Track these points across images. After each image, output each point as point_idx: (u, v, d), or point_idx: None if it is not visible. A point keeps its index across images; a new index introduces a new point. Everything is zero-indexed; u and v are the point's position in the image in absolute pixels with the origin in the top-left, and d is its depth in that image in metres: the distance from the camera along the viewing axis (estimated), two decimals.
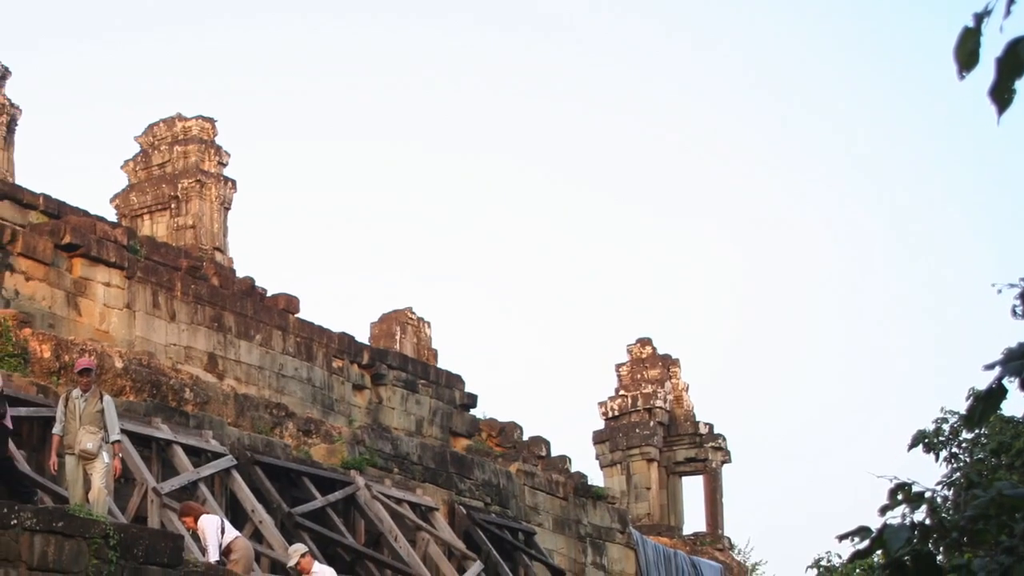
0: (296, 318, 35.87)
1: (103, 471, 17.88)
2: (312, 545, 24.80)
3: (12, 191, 31.53)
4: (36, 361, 25.03)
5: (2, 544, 14.03)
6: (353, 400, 36.65)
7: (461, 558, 30.64)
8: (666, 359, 54.61)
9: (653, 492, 51.76)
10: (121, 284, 30.54)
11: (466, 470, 34.56)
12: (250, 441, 27.60)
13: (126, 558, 15.37)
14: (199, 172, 42.00)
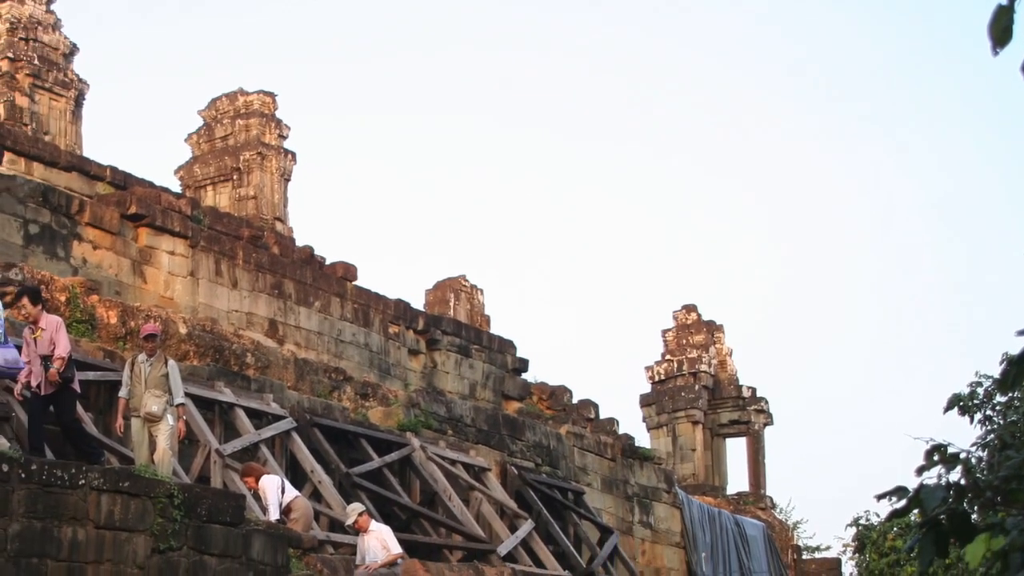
0: (354, 285, 35.79)
1: (168, 433, 17.85)
2: (369, 504, 24.73)
3: (80, 163, 31.53)
4: (103, 327, 25.03)
5: (70, 503, 13.99)
6: (409, 365, 36.59)
7: (513, 517, 30.60)
8: (711, 325, 54.53)
9: (698, 453, 51.70)
10: (185, 253, 30.52)
11: (518, 432, 34.50)
12: (309, 404, 27.58)
13: (190, 517, 15.32)
14: (260, 145, 42.02)
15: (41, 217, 27.26)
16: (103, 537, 14.31)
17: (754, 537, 45.23)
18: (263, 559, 16.26)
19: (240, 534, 16.06)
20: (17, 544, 13.39)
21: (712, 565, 42.23)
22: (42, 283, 23.79)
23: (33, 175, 29.65)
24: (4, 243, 26.17)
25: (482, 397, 37.85)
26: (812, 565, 50.27)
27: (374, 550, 20.70)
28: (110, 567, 14.32)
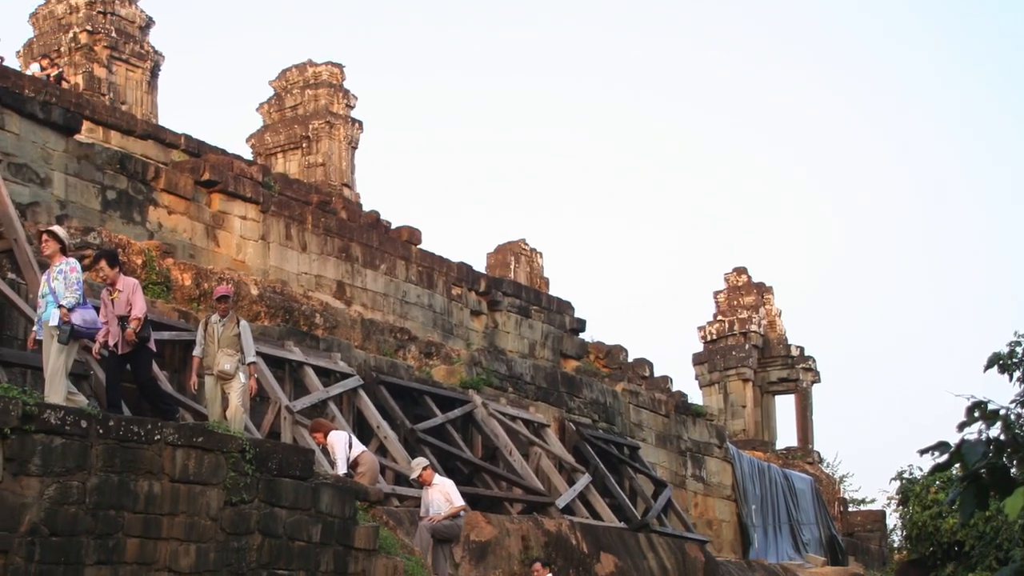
0: (418, 249, 35.71)
1: (240, 390, 17.77)
2: (433, 459, 24.69)
3: (156, 132, 31.53)
4: (178, 289, 25.04)
5: (146, 458, 13.94)
6: (471, 325, 36.51)
7: (571, 470, 30.52)
8: (760, 287, 54.48)
9: (748, 410, 51.70)
10: (256, 217, 30.49)
11: (575, 389, 34.41)
12: (376, 363, 27.55)
13: (261, 471, 15.26)
14: (328, 114, 42.00)
15: (118, 183, 27.25)
16: (178, 490, 14.26)
17: (802, 490, 45.14)
18: (331, 511, 16.17)
19: (309, 487, 15.97)
20: (95, 497, 13.34)
21: (762, 517, 42.16)
22: (119, 247, 23.80)
23: (111, 143, 29.65)
24: (83, 208, 26.18)
25: (541, 356, 37.74)
26: (858, 517, 50.23)
27: (437, 503, 20.60)
28: (184, 519, 14.27)
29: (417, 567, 17.90)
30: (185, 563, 14.20)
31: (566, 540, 26.25)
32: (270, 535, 15.24)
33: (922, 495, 33.61)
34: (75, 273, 15.68)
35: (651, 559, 28.80)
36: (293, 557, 15.50)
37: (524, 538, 24.90)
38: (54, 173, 25.79)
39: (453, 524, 20.63)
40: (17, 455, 12.73)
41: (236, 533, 14.84)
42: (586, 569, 26.34)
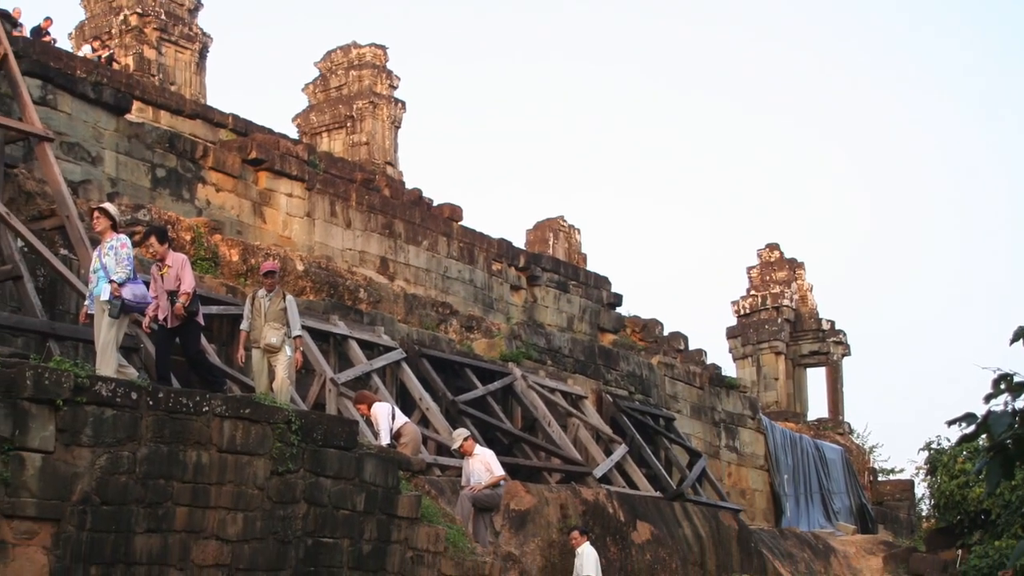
0: (459, 225, 35.63)
1: (286, 363, 17.73)
2: (474, 429, 24.65)
3: (204, 111, 31.51)
4: (225, 264, 25.03)
5: (195, 429, 13.92)
6: (511, 299, 36.43)
7: (608, 441, 30.48)
8: (792, 262, 54.37)
9: (780, 382, 51.61)
10: (302, 195, 30.45)
11: (612, 362, 34.35)
12: (418, 336, 27.53)
13: (306, 441, 15.23)
14: (372, 94, 41.95)
15: (168, 162, 27.25)
16: (225, 460, 14.24)
17: (833, 460, 45.10)
18: (375, 481, 16.13)
19: (353, 457, 15.93)
20: (145, 467, 13.33)
21: (794, 486, 42.14)
22: (169, 223, 23.82)
23: (160, 123, 29.66)
24: (133, 186, 26.18)
25: (579, 330, 37.65)
26: (887, 486, 50.10)
27: (478, 472, 20.55)
28: (232, 488, 14.25)
29: (458, 535, 17.86)
30: (232, 531, 14.19)
31: (603, 509, 26.20)
32: (315, 504, 15.22)
33: (950, 465, 33.48)
34: (126, 249, 15.67)
35: (686, 527, 28.74)
36: (338, 525, 15.47)
37: (562, 507, 24.87)
38: (105, 152, 25.79)
39: (493, 493, 20.59)
40: (69, 426, 12.73)
41: (282, 502, 14.82)
42: (623, 537, 26.29)
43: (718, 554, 29.17)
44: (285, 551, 14.77)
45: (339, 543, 15.48)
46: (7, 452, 12.21)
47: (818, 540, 37.87)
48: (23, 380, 12.42)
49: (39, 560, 12.33)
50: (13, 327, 17.28)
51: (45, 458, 12.52)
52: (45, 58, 26.16)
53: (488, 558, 18.03)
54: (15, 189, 20.89)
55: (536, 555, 23.70)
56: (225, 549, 14.10)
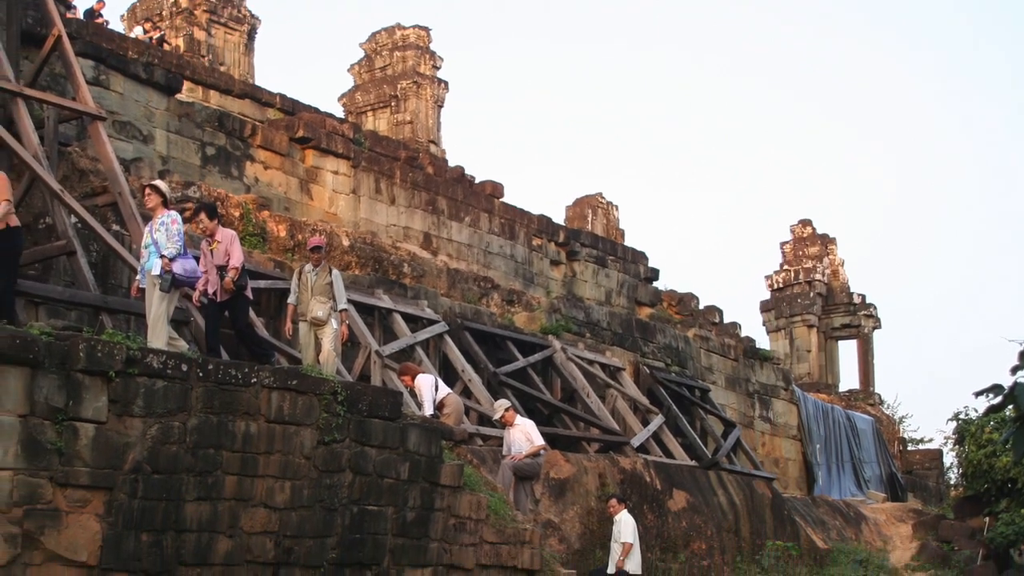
0: (501, 202, 35.52)
1: (332, 336, 17.69)
2: (514, 400, 24.62)
3: (252, 91, 31.48)
4: (273, 240, 25.01)
5: (244, 400, 13.88)
6: (550, 274, 36.32)
7: (645, 411, 30.40)
8: (824, 238, 54.21)
9: (813, 354, 51.49)
10: (347, 172, 30.39)
11: (649, 335, 34.25)
12: (460, 310, 27.48)
13: (352, 412, 15.18)
14: (416, 75, 41.82)
15: (217, 140, 27.21)
16: (273, 430, 14.19)
17: (864, 430, 45.03)
18: (418, 450, 16.08)
19: (397, 427, 15.87)
20: (195, 436, 13.29)
21: (826, 456, 42.12)
22: (218, 200, 23.80)
23: (210, 102, 29.64)
24: (184, 163, 26.17)
25: (617, 303, 37.53)
26: (916, 455, 50.00)
27: (519, 442, 20.51)
28: (279, 457, 14.21)
29: (500, 503, 17.81)
30: (280, 499, 14.15)
31: (640, 477, 26.16)
32: (360, 472, 15.17)
33: (977, 435, 33.38)
34: (176, 225, 15.64)
35: (721, 495, 28.71)
36: (382, 493, 15.42)
37: (601, 475, 24.85)
38: (156, 130, 25.78)
39: (534, 462, 20.55)
40: (121, 397, 12.69)
41: (328, 471, 14.77)
42: (659, 505, 26.26)
43: (752, 521, 29.13)
44: (331, 518, 14.74)
45: (384, 511, 15.43)
46: (61, 422, 12.19)
47: (849, 508, 37.79)
48: (77, 352, 12.39)
49: (92, 527, 12.32)
50: (67, 301, 17.28)
51: (98, 428, 12.49)
52: (98, 39, 26.14)
53: (528, 525, 17.97)
54: (69, 167, 20.89)
55: (575, 522, 23.67)
56: (273, 516, 14.07)
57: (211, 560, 13.40)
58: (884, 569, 28.78)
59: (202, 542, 13.31)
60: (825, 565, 29.47)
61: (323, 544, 14.60)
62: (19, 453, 11.86)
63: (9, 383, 11.89)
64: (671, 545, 25.90)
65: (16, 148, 17.98)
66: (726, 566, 26.85)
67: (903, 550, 35.39)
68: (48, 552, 11.98)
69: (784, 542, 27.62)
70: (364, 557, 15.10)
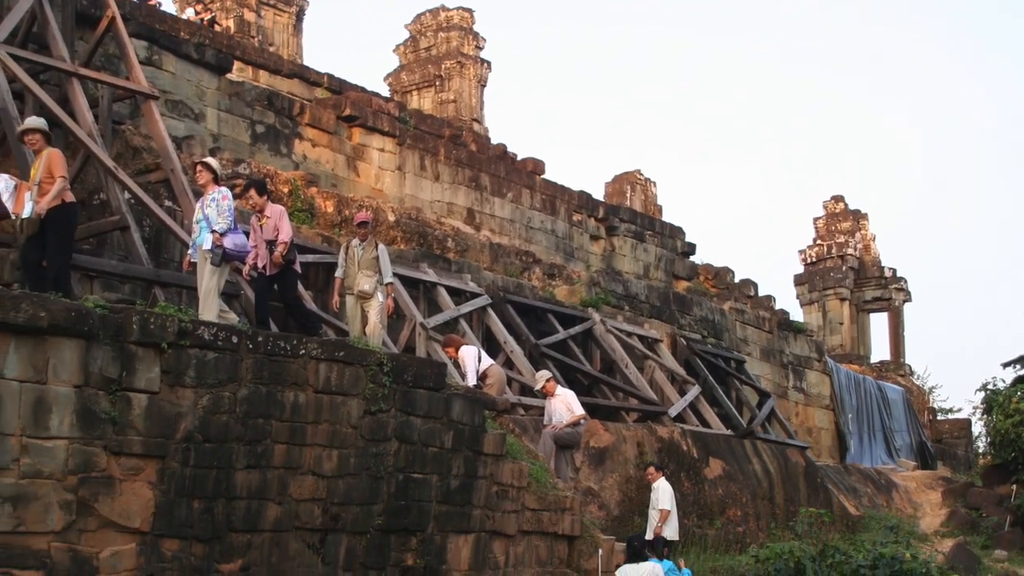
0: (542, 178, 35.40)
1: (378, 309, 17.60)
2: (555, 371, 24.54)
3: (301, 71, 31.40)
4: (321, 215, 24.95)
5: (292, 371, 13.79)
6: (590, 248, 36.19)
7: (682, 382, 30.27)
8: (856, 213, 54.07)
9: (845, 326, 51.36)
10: (393, 150, 30.32)
11: (686, 307, 34.08)
12: (503, 283, 27.39)
13: (397, 382, 15.07)
14: (459, 55, 41.72)
15: (266, 118, 27.18)
16: (321, 400, 14.09)
17: (894, 400, 44.90)
18: (462, 419, 15.96)
19: (442, 398, 15.76)
20: (245, 406, 13.20)
21: (857, 425, 42.03)
22: (267, 176, 23.76)
23: (259, 82, 29.57)
24: (234, 141, 26.13)
25: (655, 277, 37.38)
26: (946, 425, 49.84)
27: (560, 412, 20.41)
28: (327, 426, 14.11)
29: (541, 471, 17.71)
30: (328, 467, 14.06)
31: (678, 446, 26.09)
32: (406, 441, 15.06)
33: (1005, 405, 33.25)
34: (227, 201, 15.58)
35: (756, 463, 28.62)
36: (427, 461, 15.32)
37: (639, 444, 24.79)
38: (207, 109, 25.75)
39: (574, 431, 20.46)
40: (173, 368, 12.61)
41: (375, 439, 14.67)
42: (696, 472, 26.18)
43: (786, 488, 29.04)
44: (377, 486, 14.64)
45: (428, 478, 15.33)
46: (115, 393, 12.11)
47: (881, 475, 37.68)
48: (130, 324, 12.31)
49: (145, 494, 12.26)
50: (121, 275, 17.26)
51: (151, 398, 12.41)
52: (151, 21, 26.10)
53: (569, 492, 17.86)
54: (123, 144, 20.86)
55: (614, 490, 23.60)
56: (321, 484, 13.98)
57: (261, 526, 13.33)
58: (914, 535, 28.58)
59: (252, 509, 13.23)
60: (857, 531, 29.29)
61: (369, 511, 14.52)
62: (74, 423, 11.79)
63: (64, 354, 11.82)
64: (707, 512, 25.81)
65: (71, 126, 17.97)
66: (761, 532, 26.73)
67: (933, 516, 35.28)
68: (102, 518, 11.92)
69: (817, 509, 27.37)
70: (409, 523, 15.01)
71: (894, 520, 30.46)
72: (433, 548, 15.31)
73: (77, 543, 11.75)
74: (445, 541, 15.49)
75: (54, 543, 11.57)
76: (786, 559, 18.92)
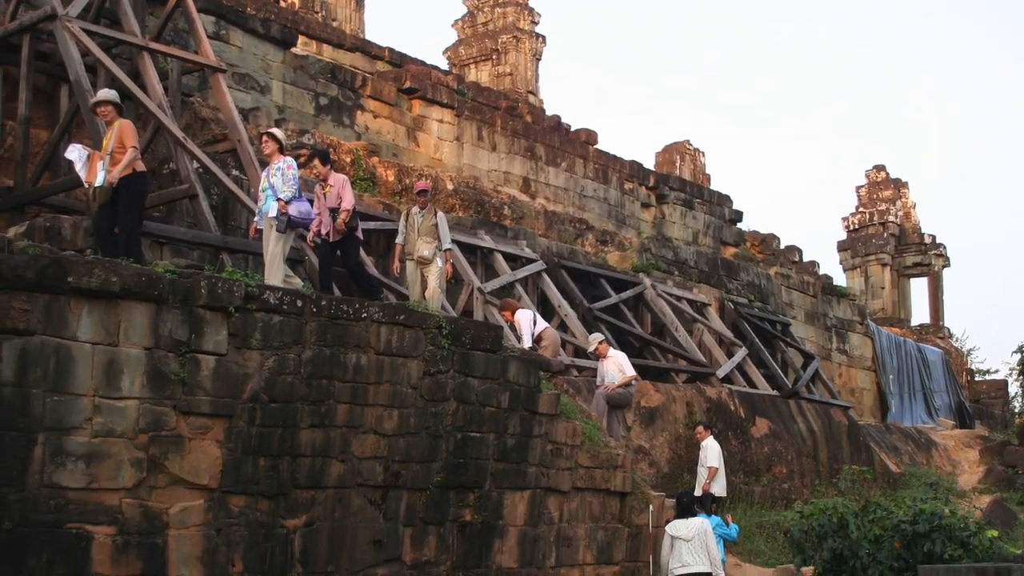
0: (595, 148, 35.16)
1: (437, 274, 17.52)
2: (607, 334, 24.40)
3: (363, 45, 31.23)
4: (382, 184, 24.89)
5: (355, 333, 13.69)
6: (641, 216, 35.95)
7: (729, 344, 30.07)
8: (897, 182, 53.75)
9: (886, 291, 51.01)
10: (452, 121, 30.17)
11: (733, 273, 33.85)
12: (557, 249, 27.28)
13: (455, 345, 14.96)
14: (515, 29, 41.44)
15: (330, 91, 27.06)
16: (382, 362, 13.99)
17: (934, 362, 44.66)
18: (517, 380, 15.84)
19: (498, 359, 15.63)
20: (310, 368, 13.12)
21: (898, 386, 41.86)
22: (330, 146, 23.70)
23: (323, 55, 29.42)
24: (298, 113, 26.03)
25: (703, 243, 37.11)
26: (983, 385, 49.52)
27: (612, 373, 20.32)
28: (388, 387, 14.02)
29: (593, 430, 17.60)
30: (389, 426, 13.97)
31: (725, 406, 25.95)
32: (464, 401, 14.96)
33: None
34: (291, 170, 15.55)
35: (800, 423, 28.44)
36: (484, 421, 15.22)
37: (688, 404, 24.65)
38: (273, 82, 25.66)
39: (626, 392, 20.38)
40: (240, 331, 12.53)
41: (434, 400, 14.58)
42: (743, 431, 26.05)
43: (829, 447, 28.89)
44: (436, 444, 14.55)
45: (485, 437, 15.22)
46: (184, 355, 12.04)
47: (920, 434, 37.45)
48: (199, 289, 12.23)
49: (213, 452, 12.20)
50: (190, 241, 17.19)
51: (219, 360, 12.34)
52: None
53: (621, 450, 17.75)
54: (191, 116, 20.83)
55: (664, 448, 23.49)
56: (382, 442, 13.90)
57: (324, 483, 13.25)
58: (953, 491, 28.29)
59: (316, 466, 13.15)
60: (898, 488, 29.07)
61: (429, 468, 14.42)
62: (145, 383, 11.73)
63: (136, 318, 11.75)
64: (754, 469, 25.67)
65: (142, 98, 17.95)
66: (805, 488, 26.56)
67: (971, 474, 35.02)
68: (172, 476, 11.87)
69: (860, 466, 27.12)
70: (467, 480, 14.92)
71: (934, 477, 30.22)
72: (490, 504, 15.23)
73: (147, 499, 11.71)
74: (502, 497, 15.41)
75: (125, 499, 11.54)
76: (830, 515, 18.75)
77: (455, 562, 14.74)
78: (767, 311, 33.79)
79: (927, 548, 15.40)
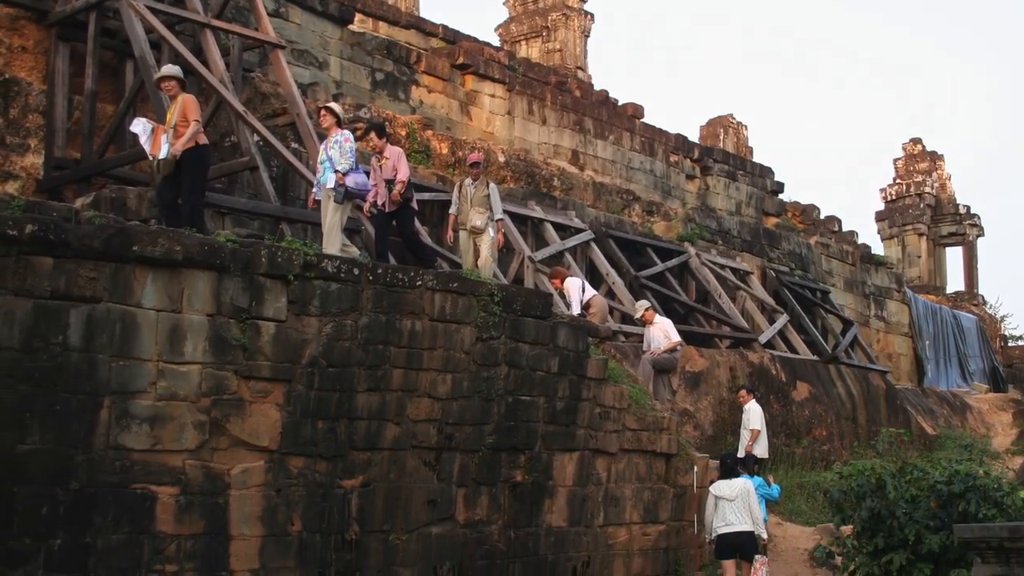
0: (641, 122, 34.89)
1: (489, 243, 17.41)
2: (653, 301, 24.27)
3: (417, 22, 31.03)
4: (436, 156, 24.77)
5: (409, 300, 13.57)
6: (686, 187, 35.67)
7: (771, 311, 29.91)
8: (933, 154, 53.25)
9: (922, 260, 50.58)
10: (503, 96, 29.97)
11: (775, 242, 33.58)
12: (605, 219, 27.17)
13: (507, 312, 14.82)
14: (565, 7, 41.13)
15: (385, 67, 26.92)
16: (436, 328, 13.87)
17: (968, 328, 44.31)
18: (567, 346, 15.70)
19: (548, 326, 15.48)
20: (366, 333, 13.01)
21: (934, 351, 41.58)
22: (386, 120, 23.58)
23: (379, 32, 29.25)
24: (355, 88, 25.91)
25: (746, 214, 36.82)
26: (1016, 351, 49.25)
27: (657, 339, 20.18)
28: (442, 352, 13.90)
29: (640, 393, 17.47)
30: (443, 390, 13.85)
31: (767, 370, 25.79)
32: (515, 366, 14.82)
33: None
34: (349, 143, 15.42)
35: (839, 387, 28.27)
36: (534, 385, 15.06)
37: (731, 369, 24.53)
38: (331, 58, 25.54)
39: (671, 357, 20.26)
40: (299, 298, 12.44)
41: (486, 364, 14.44)
42: (784, 395, 25.89)
43: (868, 410, 28.72)
44: (488, 407, 14.41)
45: (536, 400, 15.08)
46: (245, 321, 11.95)
47: (956, 398, 37.15)
48: (259, 258, 12.14)
49: (272, 415, 12.11)
50: (250, 211, 17.16)
51: (278, 326, 12.25)
52: None
53: (666, 413, 17.63)
54: (252, 91, 20.75)
55: (708, 411, 23.37)
56: (436, 406, 13.78)
57: (380, 445, 13.14)
58: (987, 453, 28.05)
59: (372, 429, 13.04)
60: (934, 449, 28.81)
61: (481, 431, 14.30)
62: (207, 349, 11.65)
63: (198, 285, 11.67)
64: (795, 431, 25.50)
65: (205, 74, 17.89)
66: (844, 450, 26.38)
67: (1004, 436, 34.78)
68: (233, 437, 11.80)
69: (897, 429, 26.82)
70: (518, 442, 14.79)
71: (968, 439, 29.92)
72: (540, 465, 15.10)
73: (210, 460, 11.65)
74: (551, 459, 15.27)
75: (188, 460, 11.48)
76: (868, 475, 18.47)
77: (506, 521, 14.63)
78: (807, 279, 33.58)
79: (962, 508, 15.14)
